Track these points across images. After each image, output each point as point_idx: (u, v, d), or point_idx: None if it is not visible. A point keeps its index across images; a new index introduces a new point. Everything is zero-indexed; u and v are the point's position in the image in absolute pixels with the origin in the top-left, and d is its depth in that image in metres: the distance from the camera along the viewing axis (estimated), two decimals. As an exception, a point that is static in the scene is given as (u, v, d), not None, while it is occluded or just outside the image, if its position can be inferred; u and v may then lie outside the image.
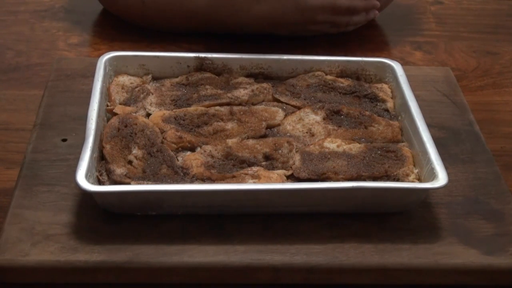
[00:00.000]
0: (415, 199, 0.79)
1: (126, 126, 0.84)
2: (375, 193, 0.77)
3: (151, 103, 0.89)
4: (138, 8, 1.10)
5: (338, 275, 0.75)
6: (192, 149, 0.83)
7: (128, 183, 0.77)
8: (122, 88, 0.91)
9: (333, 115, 0.89)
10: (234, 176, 0.79)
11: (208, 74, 0.94)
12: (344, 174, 0.80)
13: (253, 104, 0.91)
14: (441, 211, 0.81)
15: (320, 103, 0.90)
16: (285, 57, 0.95)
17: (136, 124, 0.84)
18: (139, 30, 1.13)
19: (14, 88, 1.01)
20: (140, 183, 0.77)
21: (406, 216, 0.80)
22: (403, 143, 0.86)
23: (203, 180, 0.79)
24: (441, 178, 0.77)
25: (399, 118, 0.90)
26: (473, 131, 0.92)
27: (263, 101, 0.91)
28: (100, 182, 0.78)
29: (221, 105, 0.89)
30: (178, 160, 0.81)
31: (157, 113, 0.87)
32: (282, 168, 0.81)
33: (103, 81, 0.88)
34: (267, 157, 0.82)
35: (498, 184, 0.85)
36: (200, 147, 0.83)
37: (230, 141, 0.83)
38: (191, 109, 0.88)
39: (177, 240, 0.75)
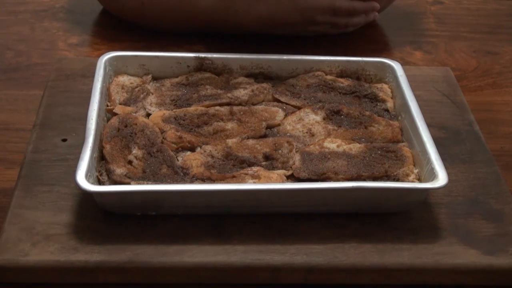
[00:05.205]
0: (415, 199, 0.79)
1: (126, 126, 0.84)
2: (375, 193, 0.77)
3: (151, 103, 0.89)
4: (137, 9, 1.10)
5: (338, 275, 0.75)
6: (192, 149, 0.83)
7: (128, 183, 0.77)
8: (122, 88, 0.91)
9: (333, 115, 0.89)
10: (234, 176, 0.79)
11: (208, 74, 0.94)
12: (344, 174, 0.80)
13: (253, 104, 0.91)
14: (441, 211, 0.81)
15: (320, 103, 0.90)
16: (285, 57, 0.95)
17: (136, 124, 0.84)
18: (139, 30, 1.13)
19: (14, 88, 1.01)
20: (140, 183, 0.77)
21: (406, 216, 0.80)
22: (403, 143, 0.86)
23: (203, 180, 0.79)
24: (441, 178, 0.77)
25: (399, 118, 0.90)
26: (473, 131, 0.92)
27: (263, 101, 0.91)
28: (100, 182, 0.78)
29: (221, 105, 0.89)
30: (178, 160, 0.81)
31: (157, 113, 0.87)
32: (282, 168, 0.81)
33: (103, 81, 0.88)
34: (267, 157, 0.82)
35: (498, 184, 0.85)
36: (200, 147, 0.83)
37: (230, 141, 0.83)
38: (191, 109, 0.88)
39: (177, 240, 0.75)
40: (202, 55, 0.94)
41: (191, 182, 0.78)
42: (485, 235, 0.78)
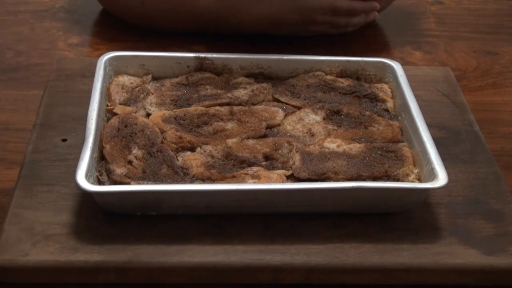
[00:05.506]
0: (415, 199, 0.79)
1: (126, 126, 0.84)
2: (375, 193, 0.77)
3: (151, 103, 0.89)
4: (137, 9, 1.10)
5: (338, 275, 0.75)
6: (192, 149, 0.83)
7: (128, 183, 0.77)
8: (122, 88, 0.91)
9: (333, 115, 0.89)
10: (234, 176, 0.79)
11: (208, 74, 0.94)
12: (344, 174, 0.80)
13: (253, 104, 0.91)
14: (441, 211, 0.81)
15: (320, 103, 0.90)
16: (285, 57, 0.95)
17: (136, 124, 0.84)
18: (139, 30, 1.13)
19: (14, 88, 1.01)
20: (140, 183, 0.77)
21: (406, 216, 0.80)
22: (403, 143, 0.86)
23: (203, 180, 0.79)
24: (441, 178, 0.77)
25: (399, 118, 0.90)
26: (473, 131, 0.92)
27: (263, 101, 0.91)
28: (100, 182, 0.78)
29: (221, 105, 0.89)
30: (178, 160, 0.81)
31: (157, 113, 0.87)
32: (282, 168, 0.81)
33: (103, 81, 0.88)
34: (267, 157, 0.82)
35: (498, 184, 0.85)
36: (200, 147, 0.83)
37: (230, 141, 0.83)
38: (191, 109, 0.88)
39: (177, 240, 0.75)
40: (202, 55, 0.94)
41: (191, 182, 0.78)
42: (485, 235, 0.78)
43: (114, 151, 0.81)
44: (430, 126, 0.85)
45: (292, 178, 0.81)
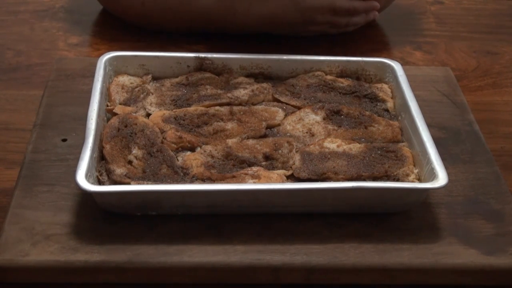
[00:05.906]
0: (415, 199, 0.79)
1: (126, 126, 0.84)
2: (375, 193, 0.77)
3: (151, 103, 0.89)
4: (138, 9, 1.10)
5: (338, 275, 0.75)
6: (192, 149, 0.83)
7: (128, 183, 0.77)
8: (122, 88, 0.91)
9: (333, 115, 0.89)
10: (234, 176, 0.79)
11: (208, 74, 0.94)
12: (344, 174, 0.80)
13: (253, 104, 0.91)
14: (441, 211, 0.81)
15: (320, 103, 0.90)
16: (285, 57, 0.95)
17: (136, 124, 0.84)
18: (139, 30, 1.13)
19: (14, 88, 1.01)
20: (140, 183, 0.77)
21: (406, 216, 0.80)
22: (403, 143, 0.86)
23: (203, 180, 0.79)
24: (441, 178, 0.77)
25: (399, 118, 0.90)
26: (473, 131, 0.92)
27: (263, 101, 0.91)
28: (100, 182, 0.78)
29: (221, 105, 0.89)
30: (178, 160, 0.81)
31: (157, 113, 0.87)
32: (282, 168, 0.81)
33: (103, 81, 0.88)
34: (267, 157, 0.82)
35: (498, 184, 0.85)
36: (200, 147, 0.83)
37: (230, 141, 0.83)
38: (191, 109, 0.88)
39: (177, 240, 0.75)
40: (202, 55, 0.94)
41: (191, 182, 0.78)
42: (485, 235, 0.78)
43: (114, 151, 0.81)
44: (430, 126, 0.85)
45: (292, 178, 0.81)
